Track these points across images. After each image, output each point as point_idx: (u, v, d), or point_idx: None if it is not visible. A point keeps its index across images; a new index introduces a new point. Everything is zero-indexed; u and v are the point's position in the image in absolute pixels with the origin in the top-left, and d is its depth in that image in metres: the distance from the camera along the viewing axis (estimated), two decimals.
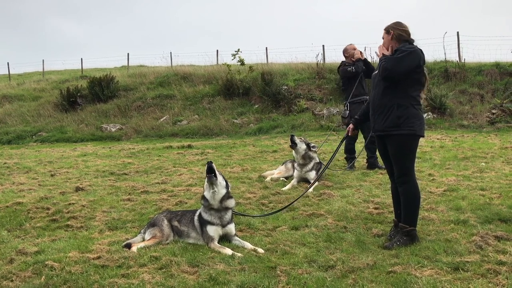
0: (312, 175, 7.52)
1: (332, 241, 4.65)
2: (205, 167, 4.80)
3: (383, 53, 4.53)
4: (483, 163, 8.17)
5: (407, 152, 4.48)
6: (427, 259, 4.03)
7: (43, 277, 3.93)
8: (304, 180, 7.56)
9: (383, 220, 5.33)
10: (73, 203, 6.47)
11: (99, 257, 4.33)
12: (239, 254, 4.31)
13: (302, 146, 7.58)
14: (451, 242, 4.42)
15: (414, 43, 4.52)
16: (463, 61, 17.36)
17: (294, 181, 7.44)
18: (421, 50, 4.45)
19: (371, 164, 8.34)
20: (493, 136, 11.97)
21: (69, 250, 4.58)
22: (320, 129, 14.53)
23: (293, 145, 7.60)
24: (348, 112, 8.46)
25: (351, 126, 5.26)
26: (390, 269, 3.83)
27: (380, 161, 8.47)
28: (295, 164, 7.69)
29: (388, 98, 4.44)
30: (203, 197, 4.84)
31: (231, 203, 4.91)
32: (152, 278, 3.82)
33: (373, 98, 4.63)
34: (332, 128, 13.38)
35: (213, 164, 4.78)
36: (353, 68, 8.45)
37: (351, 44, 8.74)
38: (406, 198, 4.52)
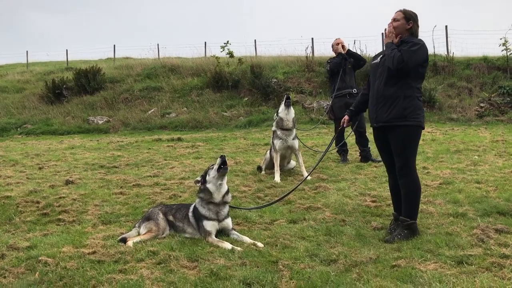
0: (296, 144, 7.40)
1: (332, 235, 4.59)
2: (218, 160, 4.69)
3: (392, 41, 4.43)
4: (476, 156, 8.20)
5: (412, 144, 4.43)
6: (430, 253, 3.99)
7: (37, 273, 3.81)
8: (289, 148, 7.36)
9: (381, 213, 5.29)
10: (64, 197, 6.31)
11: (94, 252, 4.22)
12: (238, 248, 4.23)
13: (293, 110, 7.47)
14: (452, 236, 4.39)
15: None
16: (451, 54, 17.43)
17: (277, 164, 7.26)
18: None
19: (365, 157, 8.31)
20: (483, 129, 12.04)
21: (63, 245, 4.45)
22: (311, 122, 14.47)
23: (289, 103, 7.32)
24: (328, 106, 8.61)
25: (346, 117, 5.17)
26: (394, 263, 3.79)
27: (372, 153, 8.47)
28: (279, 133, 7.35)
29: (394, 89, 4.37)
30: (205, 190, 4.72)
31: (229, 197, 4.84)
32: (151, 274, 3.72)
33: (376, 89, 4.53)
34: (322, 121, 13.32)
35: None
36: (328, 66, 8.71)
37: (336, 39, 8.81)
38: (407, 191, 4.47)
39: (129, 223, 5.22)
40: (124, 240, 4.51)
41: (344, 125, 5.17)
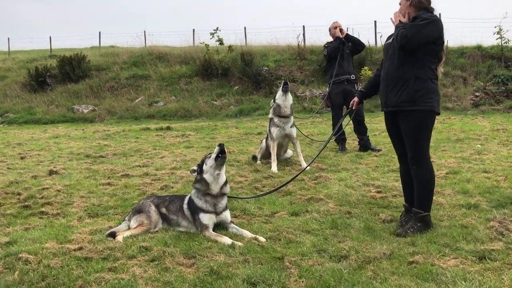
0: (294, 132, 7.08)
1: (338, 228, 4.26)
2: (216, 148, 4.32)
3: (400, 20, 4.10)
4: (478, 145, 7.94)
5: (423, 130, 4.08)
6: (448, 247, 3.67)
7: (17, 272, 3.42)
8: (286, 137, 7.02)
9: (388, 205, 4.97)
10: (47, 188, 5.91)
11: (80, 248, 3.84)
12: (239, 244, 3.87)
13: (290, 96, 7.14)
14: (468, 228, 4.08)
15: (434, 12, 4.11)
16: (445, 43, 17.17)
17: (273, 153, 6.93)
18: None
19: (364, 146, 8.00)
20: (480, 118, 11.86)
21: (46, 240, 4.07)
22: (303, 111, 14.16)
23: (286, 88, 6.99)
24: (325, 94, 8.40)
25: (355, 99, 4.83)
26: (410, 259, 3.46)
27: (372, 142, 8.18)
28: (276, 121, 7.00)
29: (404, 69, 4.02)
30: (201, 180, 4.35)
31: (228, 188, 4.48)
32: (144, 272, 3.35)
33: (386, 70, 4.19)
34: (316, 111, 13.00)
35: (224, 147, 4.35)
36: (325, 50, 8.44)
37: (334, 23, 8.51)
38: (420, 181, 4.15)
39: (118, 216, 4.84)
40: (113, 235, 4.13)
41: (353, 107, 4.83)
